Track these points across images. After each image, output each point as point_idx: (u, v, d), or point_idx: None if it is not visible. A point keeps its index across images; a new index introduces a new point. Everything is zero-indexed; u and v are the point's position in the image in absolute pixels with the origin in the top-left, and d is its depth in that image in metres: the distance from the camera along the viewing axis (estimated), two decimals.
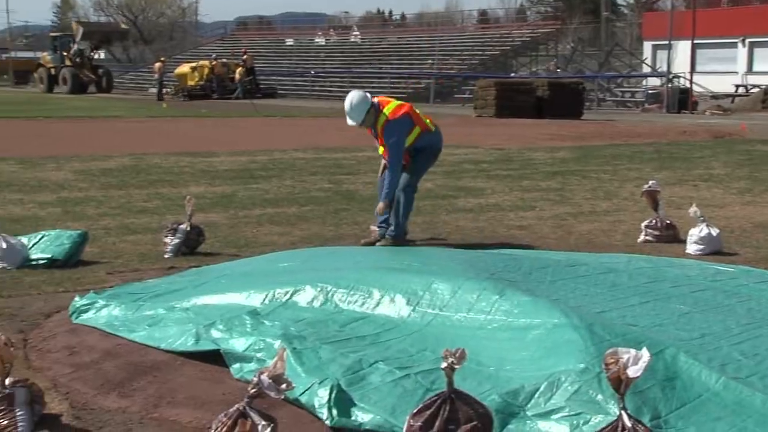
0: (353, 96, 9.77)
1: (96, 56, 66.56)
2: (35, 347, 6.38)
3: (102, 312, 6.88)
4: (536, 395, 4.91)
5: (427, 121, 9.94)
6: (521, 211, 12.84)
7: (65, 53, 61.02)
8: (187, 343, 6.03)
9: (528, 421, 4.76)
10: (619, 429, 4.28)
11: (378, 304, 6.37)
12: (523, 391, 4.95)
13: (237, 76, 53.38)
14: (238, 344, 5.83)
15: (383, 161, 9.99)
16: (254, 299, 6.65)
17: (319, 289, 6.61)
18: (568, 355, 5.23)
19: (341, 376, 5.22)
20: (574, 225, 11.67)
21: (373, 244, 9.74)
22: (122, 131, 28.15)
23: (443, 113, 39.41)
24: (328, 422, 4.89)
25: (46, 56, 63.84)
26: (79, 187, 14.91)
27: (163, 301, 6.95)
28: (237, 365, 5.64)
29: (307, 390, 5.11)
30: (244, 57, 55.61)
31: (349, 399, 5.03)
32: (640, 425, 4.29)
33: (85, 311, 6.92)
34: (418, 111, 9.90)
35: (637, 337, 5.46)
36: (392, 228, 9.72)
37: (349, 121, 9.78)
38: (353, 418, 4.91)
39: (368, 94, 9.84)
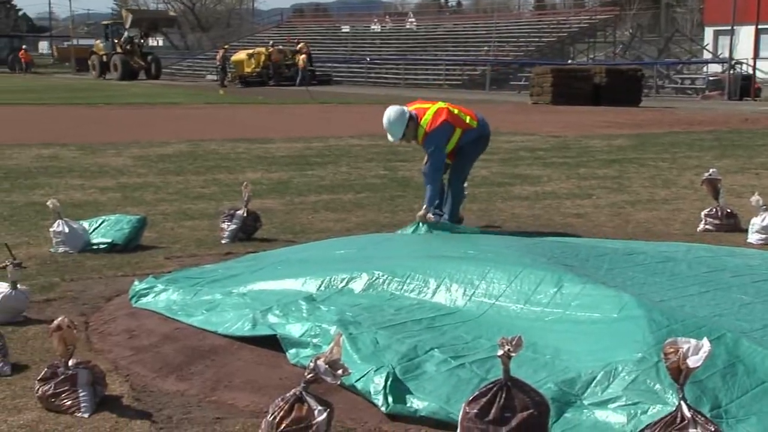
0: (390, 112, 9.61)
1: (154, 43, 67.18)
2: (96, 330, 6.49)
3: (161, 296, 6.98)
4: (593, 384, 4.92)
5: (468, 118, 9.77)
6: (578, 199, 12.77)
7: (116, 41, 61.91)
8: (243, 328, 6.09)
9: (585, 410, 4.76)
10: (678, 420, 4.22)
11: (434, 293, 6.38)
12: (580, 380, 4.96)
13: (300, 63, 53.54)
14: (294, 329, 5.88)
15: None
16: (310, 285, 6.69)
17: (375, 276, 6.64)
18: (626, 344, 5.20)
19: (396, 363, 5.25)
20: (632, 213, 11.59)
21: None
22: (180, 118, 28.39)
23: (499, 100, 39.27)
24: (383, 409, 4.93)
25: (98, 44, 65.01)
26: (138, 173, 15.09)
27: (220, 287, 7.02)
28: (293, 350, 5.69)
29: (363, 377, 5.15)
30: (299, 46, 55.69)
31: (405, 387, 5.06)
32: (699, 416, 4.24)
33: (145, 295, 7.03)
34: (457, 108, 9.80)
35: (697, 323, 5.43)
36: (446, 217, 9.71)
37: (390, 138, 9.74)
38: (408, 405, 4.94)
39: (405, 108, 9.67)
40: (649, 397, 4.75)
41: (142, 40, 63.70)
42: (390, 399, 4.98)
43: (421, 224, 9.07)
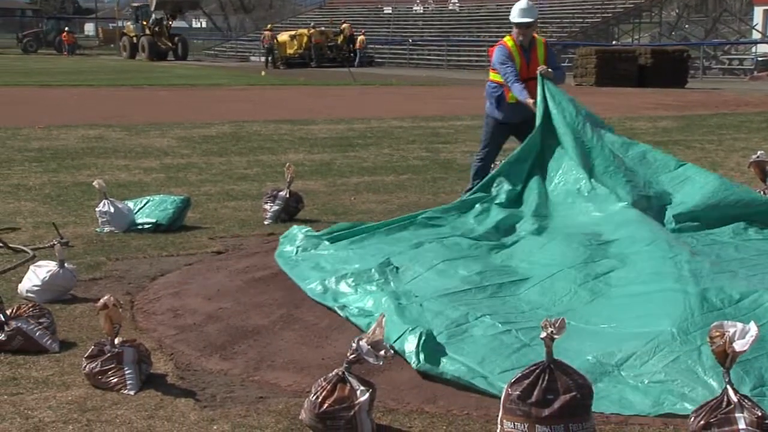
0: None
1: (197, 25, 67.44)
2: (141, 309, 6.58)
3: (287, 247, 7.42)
4: (632, 358, 5.07)
5: None
6: None
7: (144, 23, 62.54)
8: (315, 290, 6.49)
9: (619, 378, 4.97)
10: (724, 404, 4.21)
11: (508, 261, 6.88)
12: (620, 352, 5.12)
13: (358, 44, 53.77)
14: (366, 302, 6.16)
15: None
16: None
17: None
18: (674, 322, 5.31)
19: (444, 328, 5.52)
20: None
21: None
22: (223, 99, 28.51)
23: None
24: (413, 366, 5.14)
25: (129, 25, 66.10)
26: (182, 154, 15.20)
27: (334, 247, 7.34)
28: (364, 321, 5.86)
29: (399, 337, 5.38)
30: (343, 26, 55.86)
31: (441, 348, 5.30)
32: (746, 400, 4.22)
33: (284, 245, 7.46)
34: None
35: (756, 300, 5.57)
36: None
37: (527, 18, 9.20)
38: (440, 366, 5.15)
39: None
40: (687, 376, 4.87)
41: (169, 22, 64.14)
42: (422, 357, 5.21)
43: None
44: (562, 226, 7.55)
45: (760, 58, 44.68)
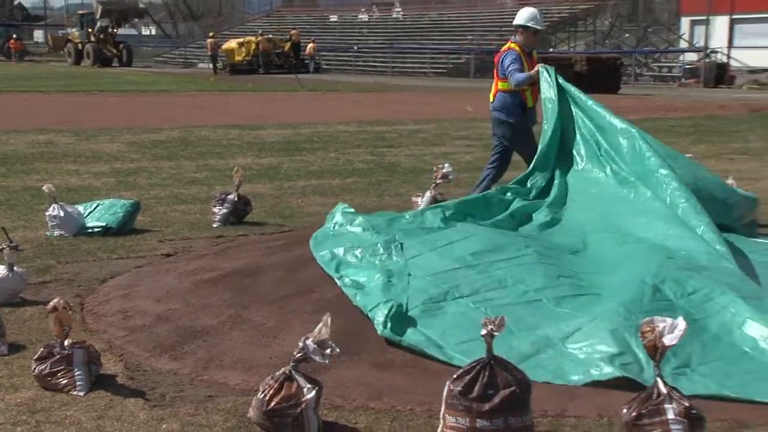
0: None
1: (147, 32, 66.92)
2: (91, 311, 6.48)
3: (327, 223, 7.71)
4: (577, 332, 5.39)
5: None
6: None
7: (90, 30, 61.95)
8: (324, 258, 6.84)
9: (562, 350, 5.27)
10: (655, 396, 4.28)
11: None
12: (567, 327, 5.48)
13: (309, 51, 53.76)
14: (361, 276, 6.45)
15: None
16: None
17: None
18: (622, 303, 5.70)
19: (421, 303, 5.92)
20: None
21: None
22: (172, 105, 28.27)
23: (484, 88, 39.05)
24: (379, 332, 5.60)
25: (74, 32, 65.33)
26: (131, 159, 15.04)
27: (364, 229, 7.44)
28: (354, 292, 6.19)
29: (374, 307, 5.83)
30: (292, 32, 55.86)
31: (410, 321, 5.74)
32: (675, 392, 4.28)
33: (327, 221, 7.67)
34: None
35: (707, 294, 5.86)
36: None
37: (538, 25, 9.58)
38: (403, 335, 5.57)
39: None
40: (622, 346, 5.19)
41: (115, 30, 63.62)
42: (389, 325, 5.62)
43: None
44: (571, 219, 7.85)
45: (687, 66, 45.29)
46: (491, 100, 9.79)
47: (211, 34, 57.85)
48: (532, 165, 8.63)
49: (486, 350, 4.34)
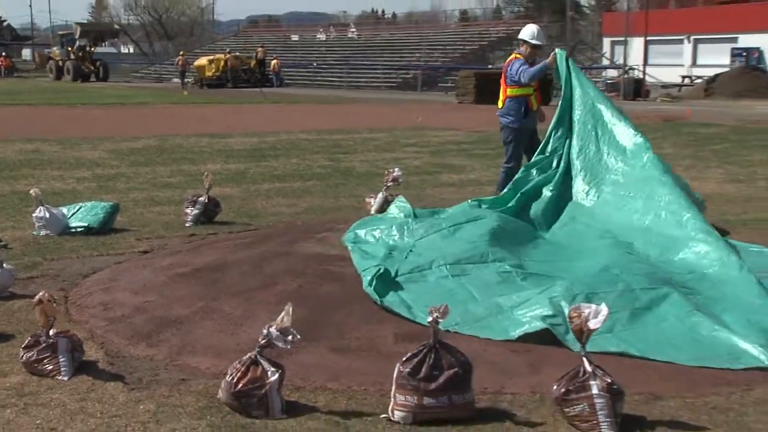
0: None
1: (126, 50, 66.49)
2: (75, 303, 6.39)
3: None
4: (526, 302, 5.65)
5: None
6: (496, 185, 12.73)
7: (69, 48, 61.66)
8: (347, 236, 7.10)
9: (509, 315, 5.58)
10: (581, 374, 4.34)
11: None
12: (519, 298, 5.76)
13: (273, 68, 53.56)
14: (370, 248, 6.78)
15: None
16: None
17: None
18: (572, 280, 5.98)
19: (408, 272, 6.25)
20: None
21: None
22: (149, 116, 27.99)
23: (429, 100, 39.30)
24: (364, 287, 6.01)
25: (55, 51, 64.77)
26: (111, 165, 14.85)
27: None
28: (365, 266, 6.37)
29: (367, 269, 6.19)
30: (259, 50, 55.67)
31: (394, 285, 6.06)
32: (598, 370, 4.33)
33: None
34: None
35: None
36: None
37: (539, 42, 9.67)
38: (383, 296, 5.89)
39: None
40: (558, 311, 5.43)
41: (92, 48, 63.26)
42: (373, 284, 5.96)
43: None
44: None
45: (609, 81, 45.70)
46: (500, 106, 10.11)
47: (181, 52, 57.56)
48: (551, 125, 8.71)
49: (432, 335, 4.35)
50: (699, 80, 46.23)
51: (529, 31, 9.81)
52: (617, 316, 5.41)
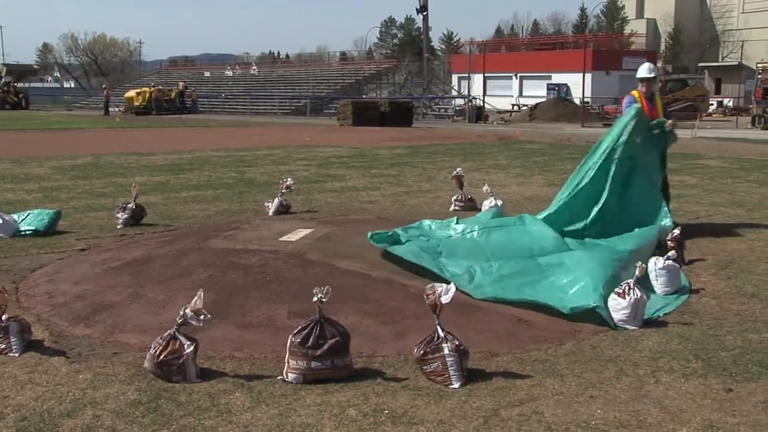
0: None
1: (68, 85, 64.21)
2: (24, 293, 6.14)
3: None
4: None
5: None
6: (370, 191, 12.87)
7: None
8: (384, 233, 6.81)
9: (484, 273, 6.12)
10: (435, 338, 4.41)
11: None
12: (496, 265, 6.25)
13: (193, 96, 52.38)
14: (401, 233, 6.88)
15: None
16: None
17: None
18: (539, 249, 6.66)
19: (418, 247, 6.43)
20: (407, 200, 11.77)
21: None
22: (87, 138, 26.91)
23: (316, 123, 39.19)
24: (369, 235, 6.59)
25: None
26: (55, 179, 14.24)
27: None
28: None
29: (390, 234, 6.66)
30: (180, 85, 54.36)
31: (400, 244, 6.52)
32: (450, 335, 4.41)
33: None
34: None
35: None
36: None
37: (652, 74, 8.95)
38: (384, 242, 6.51)
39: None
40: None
41: (15, 83, 62.25)
42: (384, 238, 6.56)
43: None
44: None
45: (457, 108, 46.59)
46: None
47: (104, 85, 56.29)
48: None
49: (317, 311, 4.36)
50: (525, 107, 47.60)
51: (641, 69, 9.06)
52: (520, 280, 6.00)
